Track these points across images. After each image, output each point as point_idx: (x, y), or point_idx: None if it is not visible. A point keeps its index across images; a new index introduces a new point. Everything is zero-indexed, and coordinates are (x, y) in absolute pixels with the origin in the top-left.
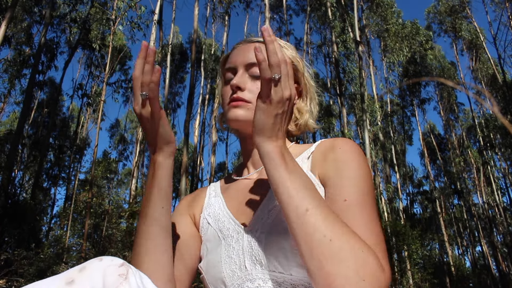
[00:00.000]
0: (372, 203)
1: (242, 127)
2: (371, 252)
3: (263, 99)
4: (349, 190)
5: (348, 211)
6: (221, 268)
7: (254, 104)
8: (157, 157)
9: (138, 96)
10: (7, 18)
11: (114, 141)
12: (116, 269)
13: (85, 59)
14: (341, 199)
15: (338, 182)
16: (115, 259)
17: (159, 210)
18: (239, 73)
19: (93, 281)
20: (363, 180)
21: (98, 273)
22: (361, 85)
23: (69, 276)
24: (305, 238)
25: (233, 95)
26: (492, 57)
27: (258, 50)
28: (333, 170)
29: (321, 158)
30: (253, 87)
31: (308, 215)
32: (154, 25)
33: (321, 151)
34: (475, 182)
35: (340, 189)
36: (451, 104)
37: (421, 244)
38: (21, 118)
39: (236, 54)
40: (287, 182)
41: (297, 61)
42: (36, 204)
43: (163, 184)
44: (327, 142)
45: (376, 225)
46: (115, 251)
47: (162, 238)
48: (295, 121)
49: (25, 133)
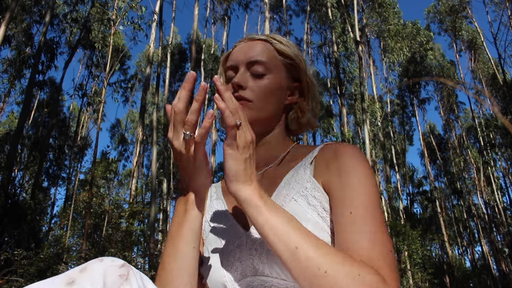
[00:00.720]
0: (378, 212)
1: None
2: (367, 272)
3: (231, 146)
4: (353, 203)
5: (354, 224)
6: (222, 272)
7: (256, 103)
8: (189, 197)
9: (180, 132)
10: (7, 18)
11: (114, 141)
12: (116, 270)
13: (86, 59)
14: (347, 212)
15: (342, 194)
16: (116, 259)
17: (190, 248)
18: (241, 71)
19: (94, 282)
20: (367, 190)
21: (99, 274)
22: (361, 85)
23: (70, 277)
24: (301, 274)
25: (234, 94)
26: (492, 57)
27: (218, 99)
28: (336, 181)
29: (324, 166)
30: (254, 85)
31: (298, 251)
32: (155, 25)
33: (324, 158)
34: (475, 182)
35: (344, 202)
36: (451, 104)
37: (421, 244)
38: (21, 118)
39: (237, 52)
40: (271, 222)
41: (299, 59)
42: (36, 204)
43: (195, 225)
44: (330, 148)
45: (382, 234)
46: (115, 251)
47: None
48: (297, 120)
49: (25, 133)
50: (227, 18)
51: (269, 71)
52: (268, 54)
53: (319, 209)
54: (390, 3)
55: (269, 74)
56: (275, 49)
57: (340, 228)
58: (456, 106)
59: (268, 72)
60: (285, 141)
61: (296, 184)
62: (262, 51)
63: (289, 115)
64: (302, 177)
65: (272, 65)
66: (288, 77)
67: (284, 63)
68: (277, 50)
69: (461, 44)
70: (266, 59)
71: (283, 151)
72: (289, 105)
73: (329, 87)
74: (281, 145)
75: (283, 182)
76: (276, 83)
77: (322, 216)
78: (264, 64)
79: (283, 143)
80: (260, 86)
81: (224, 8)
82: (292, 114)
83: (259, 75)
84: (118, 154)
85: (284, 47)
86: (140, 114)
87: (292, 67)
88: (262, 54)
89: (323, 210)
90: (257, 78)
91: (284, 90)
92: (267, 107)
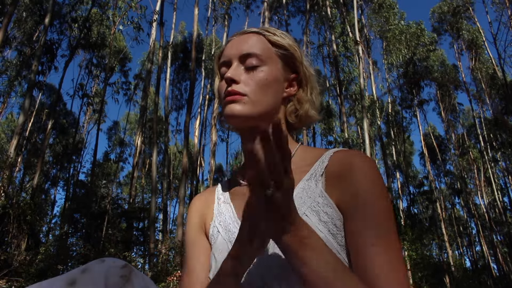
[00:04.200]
0: (395, 237)
1: (240, 123)
2: None
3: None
4: (372, 233)
5: (376, 255)
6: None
7: (251, 96)
8: (245, 254)
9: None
10: (7, 19)
11: (112, 143)
12: (118, 271)
13: (86, 59)
14: (369, 244)
15: (360, 221)
16: (118, 260)
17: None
18: (233, 66)
19: (95, 283)
20: (385, 216)
21: (100, 275)
22: (361, 86)
23: (71, 277)
24: None
25: (227, 89)
26: (492, 57)
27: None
28: (352, 202)
29: (336, 180)
30: (248, 79)
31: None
32: (155, 25)
33: (337, 171)
34: (476, 182)
35: (363, 231)
36: (452, 105)
37: (421, 244)
38: (21, 118)
39: (230, 47)
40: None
41: (294, 49)
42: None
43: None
44: (341, 159)
45: (398, 263)
46: (115, 251)
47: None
48: (295, 112)
49: (25, 133)
50: (227, 17)
51: (264, 63)
52: (262, 46)
53: (330, 225)
54: (390, 3)
55: (264, 66)
56: (268, 40)
57: (358, 254)
58: (457, 106)
59: (262, 64)
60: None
61: (307, 199)
62: (255, 43)
63: (287, 107)
64: (313, 190)
65: (266, 57)
66: (284, 69)
67: (279, 54)
68: (270, 41)
69: (462, 44)
70: (260, 51)
71: None
72: (287, 98)
73: (328, 87)
74: None
75: (293, 194)
76: (272, 75)
77: (332, 233)
78: (258, 56)
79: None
80: (254, 79)
81: (225, 8)
82: (290, 107)
83: (253, 68)
84: (116, 155)
85: (278, 38)
86: (141, 114)
87: (287, 58)
88: (255, 46)
89: (334, 227)
90: (251, 71)
91: (281, 82)
92: (263, 101)
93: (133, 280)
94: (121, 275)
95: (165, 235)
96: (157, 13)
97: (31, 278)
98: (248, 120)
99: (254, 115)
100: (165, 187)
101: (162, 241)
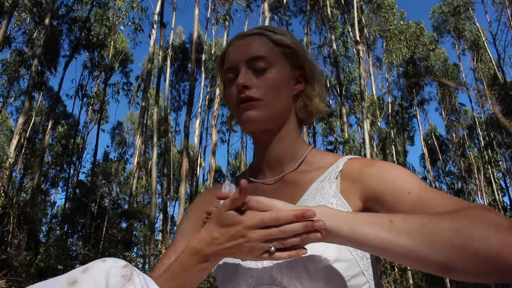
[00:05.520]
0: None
1: (259, 127)
2: (478, 211)
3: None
4: (407, 186)
5: (420, 198)
6: (238, 281)
7: (265, 100)
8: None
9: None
10: (6, 19)
11: (115, 143)
12: (119, 270)
13: (86, 60)
14: (406, 193)
15: (391, 187)
16: (119, 260)
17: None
18: (242, 71)
19: (96, 282)
20: (411, 174)
21: (101, 274)
22: (361, 85)
23: (72, 277)
24: (440, 244)
25: (241, 96)
26: (493, 57)
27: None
28: (380, 184)
29: (351, 182)
30: (260, 82)
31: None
32: (156, 25)
33: (352, 174)
34: (476, 182)
35: (400, 191)
36: (453, 105)
37: None
38: (20, 118)
39: (234, 52)
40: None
41: (297, 46)
42: (36, 205)
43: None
44: (357, 163)
45: (447, 195)
46: (115, 251)
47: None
48: (305, 108)
49: (25, 133)
50: (228, 18)
51: (271, 64)
52: (266, 47)
53: None
54: (389, 4)
55: (272, 68)
56: (271, 40)
57: (411, 205)
58: (458, 106)
59: (270, 66)
60: (298, 138)
61: (321, 199)
62: (259, 45)
63: (296, 104)
64: (327, 191)
65: (273, 58)
66: (290, 67)
67: (283, 53)
68: (273, 41)
69: (464, 44)
70: (266, 53)
71: (297, 149)
72: (296, 95)
73: (329, 87)
74: (295, 142)
75: (306, 194)
76: (281, 75)
77: None
78: (265, 58)
79: (296, 139)
80: (265, 81)
81: (226, 8)
82: (299, 103)
83: (262, 71)
84: (118, 155)
85: (280, 37)
86: (141, 114)
87: (292, 55)
88: (260, 49)
89: None
90: (261, 74)
91: (290, 80)
92: (277, 102)
93: (135, 280)
94: (123, 275)
95: (165, 235)
96: (157, 14)
97: (31, 278)
98: (266, 123)
99: (271, 117)
100: (165, 187)
101: (162, 241)
